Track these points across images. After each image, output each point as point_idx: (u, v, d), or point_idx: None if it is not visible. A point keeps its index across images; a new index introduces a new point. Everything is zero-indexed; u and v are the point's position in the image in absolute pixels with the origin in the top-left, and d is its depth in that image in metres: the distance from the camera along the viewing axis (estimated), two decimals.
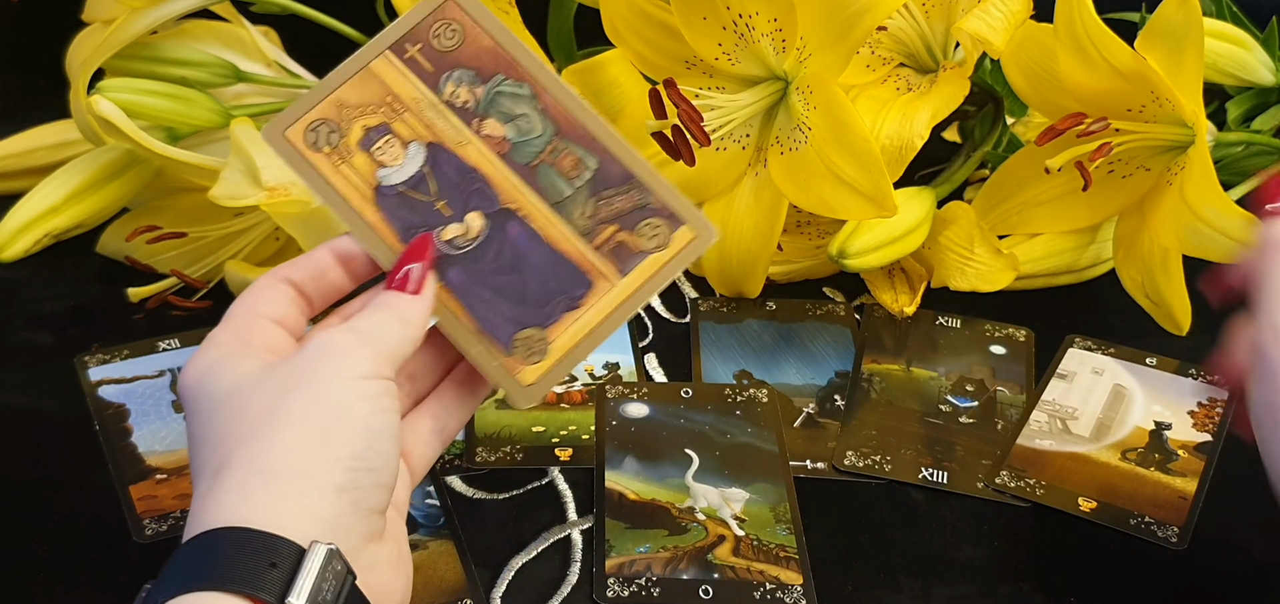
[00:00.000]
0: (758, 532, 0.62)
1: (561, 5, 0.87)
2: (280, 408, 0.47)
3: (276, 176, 0.75)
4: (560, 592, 0.60)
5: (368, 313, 0.51)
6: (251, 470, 0.46)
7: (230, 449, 0.47)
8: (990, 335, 0.77)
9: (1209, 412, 0.71)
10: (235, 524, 0.45)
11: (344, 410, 0.48)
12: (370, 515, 0.48)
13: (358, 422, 0.48)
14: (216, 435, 0.48)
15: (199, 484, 0.48)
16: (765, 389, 0.72)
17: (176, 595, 0.44)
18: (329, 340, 0.50)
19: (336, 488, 0.47)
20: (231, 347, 0.51)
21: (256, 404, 0.48)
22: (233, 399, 0.49)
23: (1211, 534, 0.63)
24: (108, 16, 0.83)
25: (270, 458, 0.46)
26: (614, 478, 0.65)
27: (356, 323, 0.51)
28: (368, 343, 0.50)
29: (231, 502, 0.46)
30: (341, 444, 0.47)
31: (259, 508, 0.45)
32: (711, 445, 0.67)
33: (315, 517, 0.46)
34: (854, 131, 0.70)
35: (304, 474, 0.46)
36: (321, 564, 0.45)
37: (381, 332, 0.50)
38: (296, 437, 0.47)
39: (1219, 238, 0.68)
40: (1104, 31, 0.69)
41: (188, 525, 0.47)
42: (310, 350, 0.49)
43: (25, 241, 0.77)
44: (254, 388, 0.49)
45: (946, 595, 0.60)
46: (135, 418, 0.69)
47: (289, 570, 0.44)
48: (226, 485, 0.46)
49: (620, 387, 0.72)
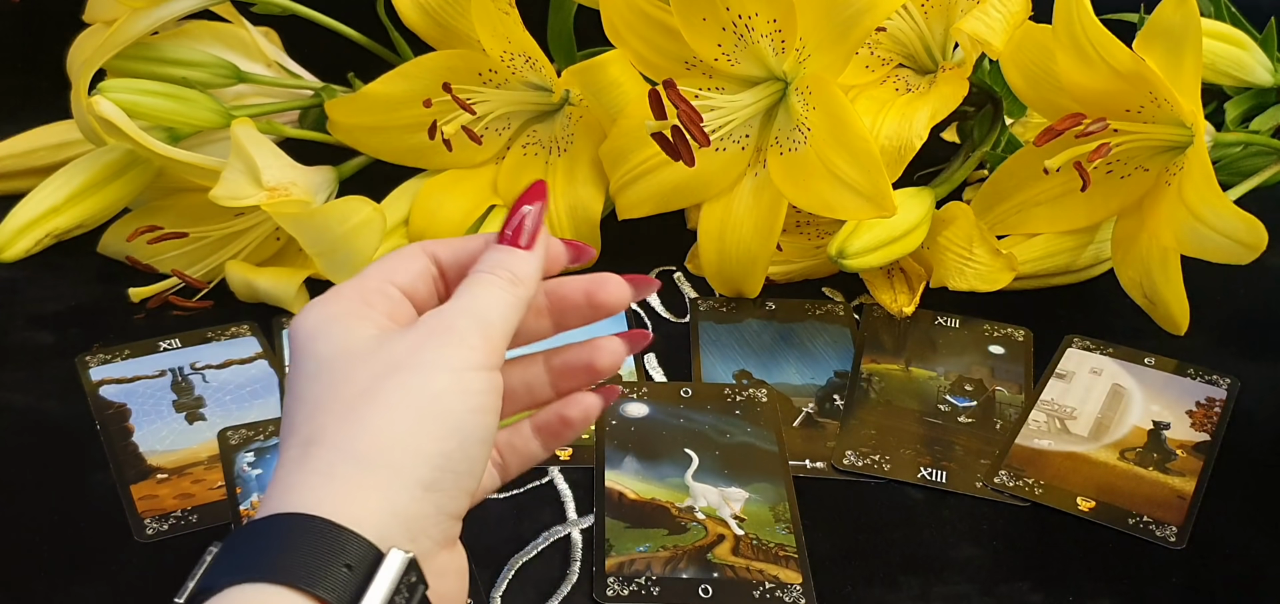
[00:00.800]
0: (757, 531, 0.62)
1: (561, 6, 0.87)
2: (380, 390, 0.45)
3: (277, 177, 0.75)
4: (560, 591, 0.60)
5: (474, 280, 0.49)
6: (342, 453, 0.44)
7: (324, 423, 0.45)
8: (989, 335, 0.77)
9: (1207, 411, 0.71)
10: (313, 512, 0.43)
11: (441, 404, 0.45)
12: (450, 520, 0.46)
13: (453, 418, 0.46)
14: (314, 399, 0.46)
15: (288, 447, 0.46)
16: (765, 389, 0.72)
17: (234, 583, 0.42)
18: (440, 321, 0.47)
19: (423, 486, 0.45)
20: (353, 304, 0.48)
21: (359, 378, 0.46)
22: (339, 364, 0.46)
23: (1209, 534, 0.63)
24: (109, 17, 0.83)
25: (363, 443, 0.44)
26: (614, 477, 0.65)
27: (465, 296, 0.48)
28: (477, 324, 0.47)
29: (316, 483, 0.44)
30: (433, 440, 0.45)
31: (341, 498, 0.43)
32: (711, 445, 0.68)
33: (396, 514, 0.44)
34: (853, 132, 0.70)
35: (393, 466, 0.44)
36: (399, 575, 0.43)
37: (488, 304, 0.48)
38: (390, 423, 0.45)
39: (1218, 238, 0.68)
40: (1102, 32, 0.69)
41: (269, 493, 0.45)
42: (421, 330, 0.47)
43: (27, 242, 0.77)
44: (363, 357, 0.46)
45: (945, 594, 0.60)
46: (136, 418, 0.69)
47: (363, 576, 0.42)
48: (315, 464, 0.44)
49: (619, 385, 0.72)
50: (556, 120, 0.84)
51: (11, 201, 0.78)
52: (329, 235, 0.75)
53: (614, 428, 0.69)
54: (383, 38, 0.89)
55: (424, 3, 0.82)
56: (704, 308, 0.80)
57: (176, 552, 0.61)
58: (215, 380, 0.72)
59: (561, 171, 0.83)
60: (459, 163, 0.84)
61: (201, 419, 0.69)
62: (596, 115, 0.81)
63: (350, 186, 0.82)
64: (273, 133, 0.83)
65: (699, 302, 0.80)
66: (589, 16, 0.82)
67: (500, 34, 0.79)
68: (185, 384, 0.72)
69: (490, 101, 0.82)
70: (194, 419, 0.69)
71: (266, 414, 0.69)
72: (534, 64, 0.80)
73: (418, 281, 0.50)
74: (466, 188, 0.85)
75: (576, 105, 0.82)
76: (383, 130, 0.84)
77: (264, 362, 0.74)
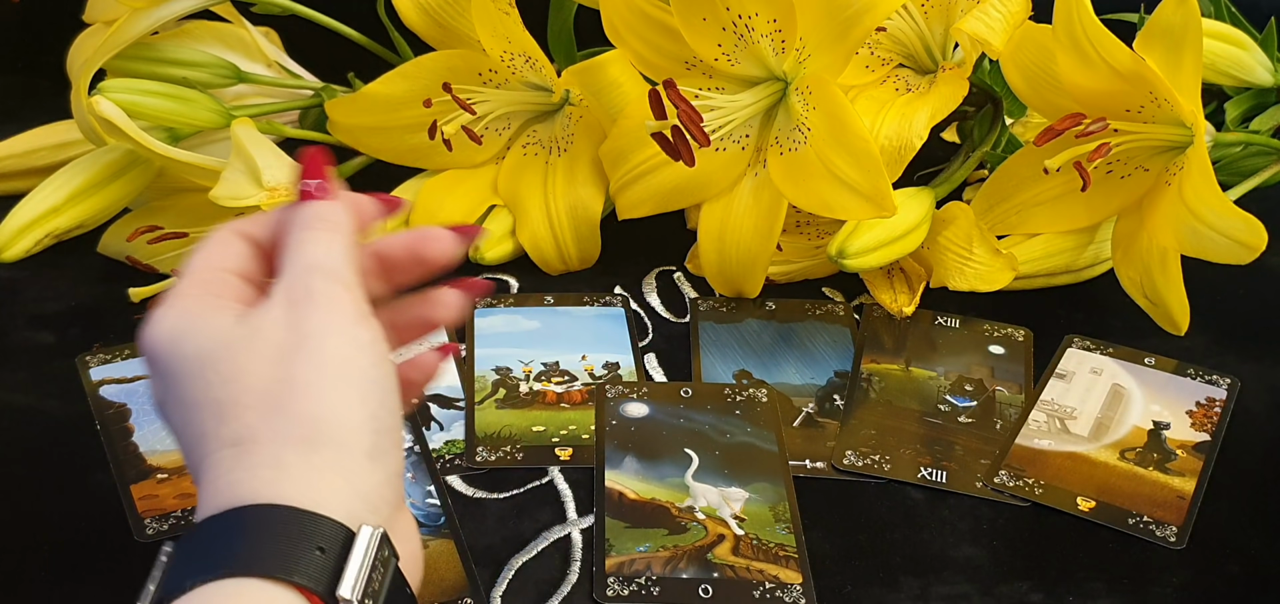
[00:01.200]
0: (757, 531, 0.62)
1: (561, 6, 0.87)
2: (292, 376, 0.44)
3: (277, 177, 0.75)
4: (560, 591, 0.60)
5: (298, 241, 0.48)
6: (285, 444, 0.43)
7: (249, 422, 0.44)
8: (989, 335, 0.77)
9: (1207, 411, 0.71)
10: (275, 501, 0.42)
11: (349, 368, 0.45)
12: (397, 480, 0.46)
13: (365, 378, 0.45)
14: (217, 401, 0.44)
15: (215, 452, 0.44)
16: (765, 389, 0.72)
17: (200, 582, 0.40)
18: (294, 288, 0.46)
19: (368, 455, 0.44)
20: (201, 298, 0.47)
21: (257, 369, 0.45)
22: (220, 358, 0.45)
23: (1210, 534, 0.63)
24: (109, 17, 0.83)
25: (302, 430, 0.43)
26: (614, 477, 0.65)
27: (299, 257, 0.47)
28: (328, 279, 0.47)
29: (269, 477, 0.42)
30: (358, 406, 0.44)
31: (300, 485, 0.42)
32: (711, 445, 0.68)
33: (356, 491, 0.43)
34: (853, 132, 0.70)
35: (337, 444, 0.44)
36: (373, 550, 0.42)
37: (324, 255, 0.47)
38: (318, 405, 0.44)
39: (1218, 238, 0.68)
40: (1103, 32, 0.69)
41: (205, 498, 0.43)
42: (281, 302, 0.46)
43: (27, 242, 0.77)
44: (244, 345, 0.45)
45: (945, 594, 0.60)
46: (137, 417, 0.69)
47: (337, 557, 0.41)
48: (257, 460, 0.43)
49: (620, 386, 0.72)
50: (556, 120, 0.84)
51: (11, 201, 0.78)
52: None
53: (614, 428, 0.69)
54: (383, 38, 0.89)
55: (424, 3, 0.82)
56: (704, 308, 0.80)
57: None
58: None
59: (561, 171, 0.83)
60: (459, 163, 0.84)
61: None
62: (596, 115, 0.81)
63: (350, 186, 0.82)
64: (273, 133, 0.83)
65: (699, 302, 0.80)
66: (589, 16, 0.82)
67: (500, 34, 0.79)
68: None
69: (490, 101, 0.82)
70: None
71: None
72: (534, 64, 0.80)
73: (243, 261, 0.50)
74: (466, 188, 0.85)
75: (576, 105, 0.82)
76: (383, 130, 0.84)
77: None
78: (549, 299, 0.80)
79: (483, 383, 0.72)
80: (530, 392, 0.72)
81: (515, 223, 0.83)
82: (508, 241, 0.83)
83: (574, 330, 0.77)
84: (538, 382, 0.73)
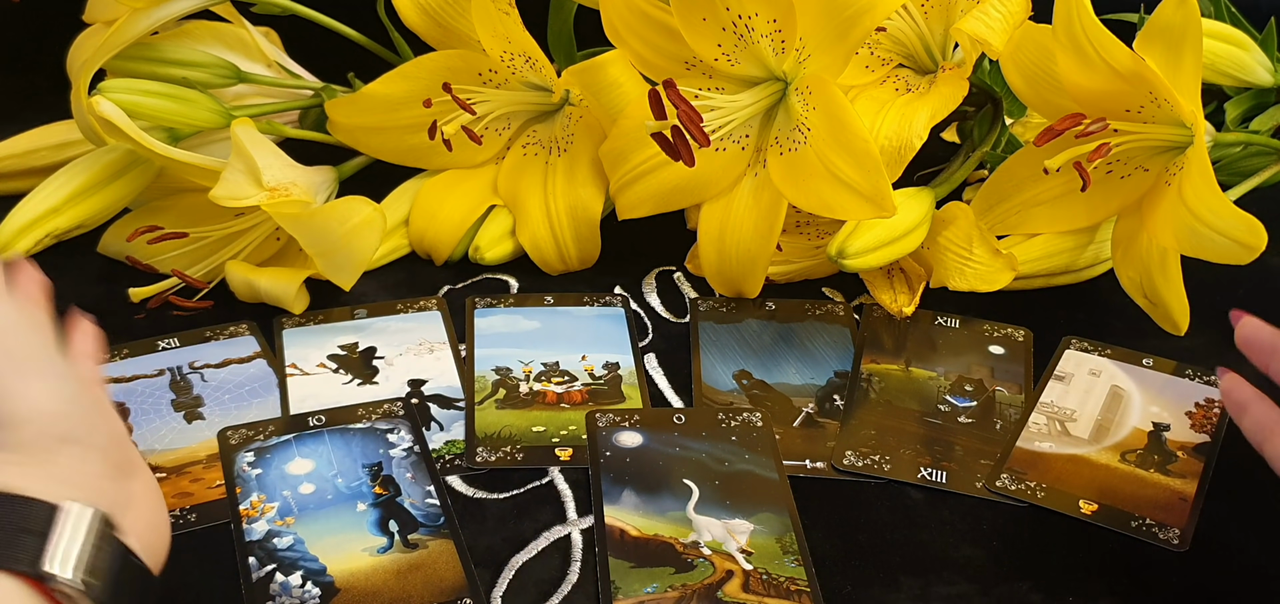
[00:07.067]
0: (766, 565, 0.60)
1: (561, 6, 0.87)
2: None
3: (277, 177, 0.75)
4: (560, 591, 0.60)
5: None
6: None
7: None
8: (989, 335, 0.77)
9: (1207, 412, 0.71)
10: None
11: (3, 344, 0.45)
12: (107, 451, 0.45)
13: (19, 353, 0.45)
14: None
15: None
16: (759, 412, 0.70)
17: None
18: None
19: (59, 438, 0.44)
20: None
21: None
22: None
23: (1212, 535, 0.63)
24: (109, 17, 0.83)
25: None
26: (614, 514, 0.63)
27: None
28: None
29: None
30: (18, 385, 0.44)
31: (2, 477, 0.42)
32: (710, 474, 0.66)
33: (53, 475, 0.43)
34: (853, 132, 0.70)
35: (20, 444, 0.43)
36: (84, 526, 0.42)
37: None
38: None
39: (1217, 238, 0.68)
40: (1102, 32, 0.69)
41: None
42: None
43: (27, 242, 0.77)
44: None
45: (945, 595, 0.60)
46: (135, 417, 0.69)
47: (40, 535, 0.41)
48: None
49: (610, 414, 0.70)
50: (556, 120, 0.84)
51: (11, 201, 0.78)
52: (329, 235, 0.75)
53: (609, 459, 0.66)
54: (383, 38, 0.89)
55: (424, 3, 0.82)
56: (704, 308, 0.80)
57: (176, 551, 0.61)
58: (213, 380, 0.72)
59: (561, 171, 0.83)
60: (459, 163, 0.85)
61: (200, 418, 0.69)
62: (596, 115, 0.81)
63: (350, 186, 0.82)
64: (273, 133, 0.83)
65: (699, 302, 0.80)
66: (589, 16, 0.82)
67: (500, 34, 0.79)
68: (184, 383, 0.72)
69: (490, 101, 0.82)
70: (192, 418, 0.69)
71: (265, 414, 0.69)
72: (534, 64, 0.80)
73: None
74: (466, 188, 0.85)
75: (576, 105, 0.82)
76: (383, 130, 0.84)
77: (262, 361, 0.74)
78: (549, 299, 0.80)
79: (483, 383, 0.72)
80: (530, 392, 0.72)
81: (515, 223, 0.83)
82: (508, 241, 0.83)
83: (574, 330, 0.77)
84: (538, 382, 0.72)
